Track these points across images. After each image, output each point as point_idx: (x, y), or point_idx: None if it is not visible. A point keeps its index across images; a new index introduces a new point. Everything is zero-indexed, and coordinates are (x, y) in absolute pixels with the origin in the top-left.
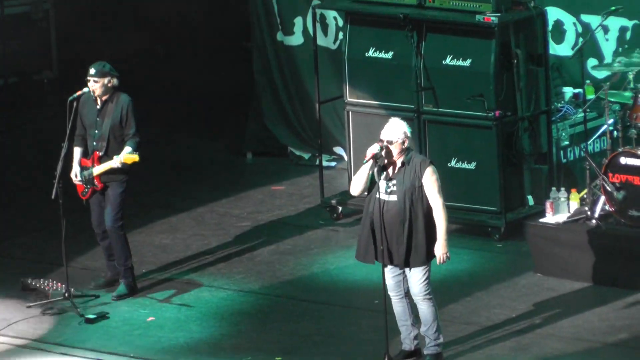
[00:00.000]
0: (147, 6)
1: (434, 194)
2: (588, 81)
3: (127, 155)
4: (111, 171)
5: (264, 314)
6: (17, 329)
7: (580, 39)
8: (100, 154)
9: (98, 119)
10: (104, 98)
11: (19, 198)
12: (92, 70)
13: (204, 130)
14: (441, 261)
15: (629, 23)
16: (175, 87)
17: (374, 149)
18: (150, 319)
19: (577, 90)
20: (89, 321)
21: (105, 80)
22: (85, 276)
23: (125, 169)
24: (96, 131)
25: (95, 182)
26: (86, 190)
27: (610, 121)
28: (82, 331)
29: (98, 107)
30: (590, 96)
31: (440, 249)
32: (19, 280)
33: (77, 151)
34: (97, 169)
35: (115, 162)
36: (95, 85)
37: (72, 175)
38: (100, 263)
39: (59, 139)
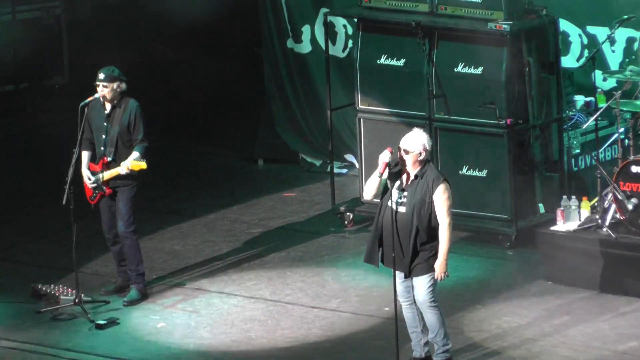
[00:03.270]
0: (158, 12)
1: (442, 213)
2: (600, 89)
3: (134, 162)
4: (120, 176)
5: (274, 320)
6: (27, 334)
7: (586, 51)
8: (109, 159)
9: (106, 124)
10: (112, 103)
11: (29, 203)
12: (101, 75)
13: (215, 137)
14: (439, 279)
15: (636, 34)
16: (186, 93)
17: (384, 157)
18: (161, 325)
19: (588, 99)
20: (99, 327)
21: (115, 85)
22: (95, 282)
23: (134, 174)
24: (104, 136)
25: (104, 187)
26: (94, 195)
27: (622, 129)
28: (92, 337)
29: (106, 112)
30: (602, 104)
31: (439, 267)
32: (29, 286)
33: (85, 155)
34: (106, 174)
35: (122, 168)
36: (104, 90)
37: (85, 178)
38: (111, 269)
39: (70, 144)
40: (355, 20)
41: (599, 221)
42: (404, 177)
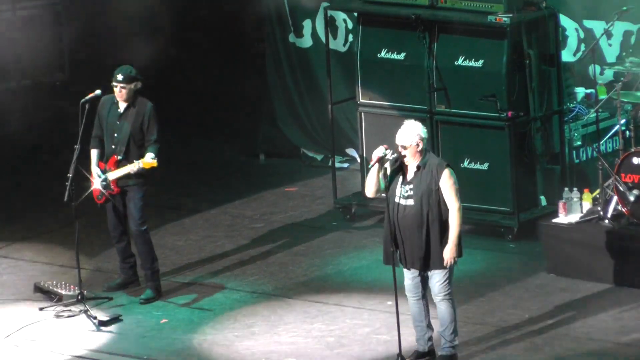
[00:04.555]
0: (160, 8)
1: (450, 198)
2: (600, 81)
3: (145, 161)
4: (129, 175)
5: (277, 315)
6: (30, 331)
7: (583, 45)
8: (119, 157)
9: (119, 122)
10: (127, 102)
11: (31, 200)
12: (119, 77)
13: (217, 132)
14: (447, 264)
15: (633, 27)
16: (187, 89)
17: (378, 152)
18: (164, 321)
19: (589, 91)
20: (102, 323)
21: (133, 85)
22: (98, 278)
23: (143, 173)
24: (115, 134)
25: (112, 186)
26: (101, 194)
27: (623, 121)
28: (95, 333)
29: (120, 110)
30: (603, 96)
31: (448, 252)
32: (32, 282)
33: (94, 153)
34: (115, 173)
35: (134, 166)
36: (122, 91)
37: (95, 177)
38: (113, 265)
39: (71, 141)
40: (356, 14)
41: (601, 213)
42: (407, 170)
